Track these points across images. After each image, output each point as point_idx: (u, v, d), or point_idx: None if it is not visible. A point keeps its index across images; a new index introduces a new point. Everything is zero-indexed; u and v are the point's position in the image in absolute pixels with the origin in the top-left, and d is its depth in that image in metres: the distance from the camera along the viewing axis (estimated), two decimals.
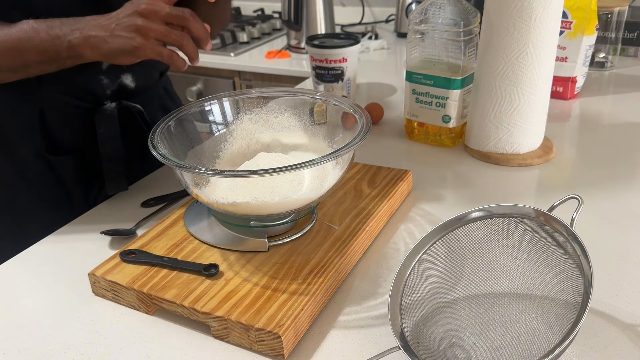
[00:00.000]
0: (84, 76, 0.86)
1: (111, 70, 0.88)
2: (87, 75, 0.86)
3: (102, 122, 0.88)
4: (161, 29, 0.71)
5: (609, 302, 0.63)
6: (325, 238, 0.71)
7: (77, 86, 0.86)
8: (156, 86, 1.02)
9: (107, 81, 0.89)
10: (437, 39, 0.96)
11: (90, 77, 0.87)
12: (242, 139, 0.80)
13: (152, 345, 0.61)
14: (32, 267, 0.75)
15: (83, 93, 0.88)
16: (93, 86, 0.88)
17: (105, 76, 0.88)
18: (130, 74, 0.92)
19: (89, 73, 0.86)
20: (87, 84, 0.87)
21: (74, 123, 0.89)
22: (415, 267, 0.60)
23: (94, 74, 0.87)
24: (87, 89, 0.87)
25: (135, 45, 0.70)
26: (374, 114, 1.13)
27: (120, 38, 0.70)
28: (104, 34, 0.71)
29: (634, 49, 1.46)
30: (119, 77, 0.90)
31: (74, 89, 0.86)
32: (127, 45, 0.70)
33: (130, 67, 0.91)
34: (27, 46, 0.72)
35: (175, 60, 0.73)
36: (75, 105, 0.88)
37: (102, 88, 0.89)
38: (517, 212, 0.58)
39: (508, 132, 0.93)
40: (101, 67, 0.87)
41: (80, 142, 0.91)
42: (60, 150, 0.90)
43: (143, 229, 0.81)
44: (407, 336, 0.55)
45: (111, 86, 0.90)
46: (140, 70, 0.93)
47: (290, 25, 1.89)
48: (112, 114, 0.89)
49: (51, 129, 0.88)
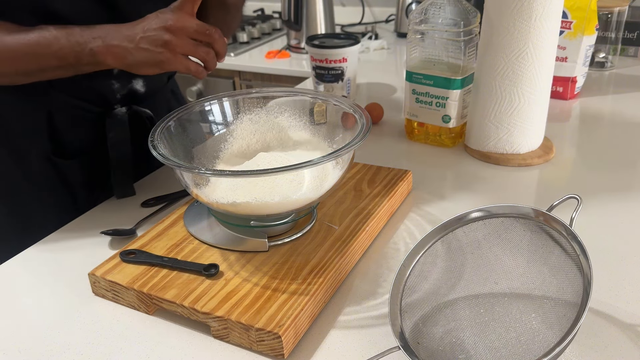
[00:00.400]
0: (95, 80, 0.85)
1: (123, 75, 0.88)
2: (98, 80, 0.86)
3: (113, 126, 0.87)
4: (189, 46, 0.73)
5: (609, 302, 0.63)
6: (325, 238, 0.71)
7: (87, 90, 0.86)
8: (164, 89, 1.02)
9: (118, 85, 0.88)
10: (437, 39, 0.96)
11: (102, 82, 0.87)
12: (242, 139, 0.80)
13: (152, 345, 0.61)
14: (32, 267, 0.75)
15: (94, 97, 0.87)
16: (104, 90, 0.87)
17: (117, 80, 0.88)
18: (141, 79, 0.92)
19: (100, 77, 0.85)
20: (98, 88, 0.87)
21: (83, 126, 0.89)
22: (415, 267, 0.60)
23: (105, 79, 0.87)
24: (98, 93, 0.87)
25: (163, 59, 0.71)
26: (374, 114, 1.13)
27: (147, 51, 0.71)
28: (127, 44, 0.71)
29: (634, 49, 1.46)
30: (130, 82, 0.90)
31: (84, 93, 0.86)
32: (153, 59, 0.72)
33: None
34: (46, 52, 0.72)
35: (201, 72, 0.76)
36: (85, 109, 0.87)
37: (113, 92, 0.88)
38: (516, 212, 0.58)
39: (508, 132, 0.93)
40: (112, 72, 0.87)
41: (88, 146, 0.91)
42: (68, 154, 0.90)
43: (143, 229, 0.81)
44: (407, 336, 0.55)
45: (121, 90, 0.89)
46: (151, 75, 0.93)
47: (290, 25, 1.89)
48: (123, 119, 0.88)
49: (59, 131, 0.88)
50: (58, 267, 0.75)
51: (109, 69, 0.86)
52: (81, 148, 0.90)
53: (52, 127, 0.87)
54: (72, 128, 0.89)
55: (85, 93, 0.86)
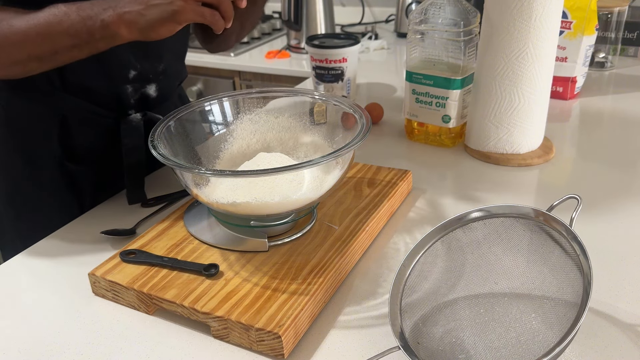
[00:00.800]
0: (110, 85, 0.85)
1: (137, 79, 0.88)
2: (113, 85, 0.86)
3: (128, 132, 0.86)
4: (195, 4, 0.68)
5: (609, 302, 0.63)
6: (325, 238, 0.71)
7: (102, 94, 0.86)
8: (174, 95, 1.01)
9: (132, 90, 0.88)
10: (437, 39, 0.96)
11: (117, 86, 0.86)
12: (242, 139, 0.80)
13: (152, 345, 0.61)
14: (32, 267, 0.75)
15: (107, 101, 0.87)
16: (118, 95, 0.87)
17: (131, 85, 0.88)
18: (154, 84, 0.91)
19: (115, 82, 0.85)
20: (112, 92, 0.86)
21: (95, 131, 0.89)
22: (415, 267, 0.60)
23: (120, 83, 0.86)
24: (112, 98, 0.87)
25: (175, 9, 0.67)
26: (374, 114, 1.13)
27: (157, 7, 0.67)
28: (138, 7, 0.68)
29: (634, 49, 1.46)
30: (144, 87, 0.90)
31: (98, 97, 0.86)
32: (166, 12, 0.67)
33: (155, 76, 0.90)
34: (57, 29, 0.69)
35: (218, 20, 0.70)
36: (98, 114, 0.87)
37: (127, 97, 0.88)
38: (516, 212, 0.58)
39: (508, 132, 0.93)
40: (128, 76, 0.86)
41: (99, 151, 0.90)
42: (78, 158, 0.89)
43: (143, 229, 0.81)
44: (407, 336, 0.55)
45: (134, 95, 0.89)
46: (164, 80, 0.93)
47: (290, 25, 1.89)
48: (138, 125, 0.87)
49: (71, 136, 0.87)
50: (58, 267, 0.75)
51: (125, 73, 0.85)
52: (92, 153, 0.90)
53: (64, 132, 0.87)
54: (84, 133, 0.88)
55: (100, 97, 0.86)
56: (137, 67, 0.86)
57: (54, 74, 0.82)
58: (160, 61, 0.90)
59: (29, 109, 0.85)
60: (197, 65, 1.95)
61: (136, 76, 0.87)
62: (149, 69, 0.89)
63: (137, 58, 0.86)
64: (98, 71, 0.84)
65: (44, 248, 0.79)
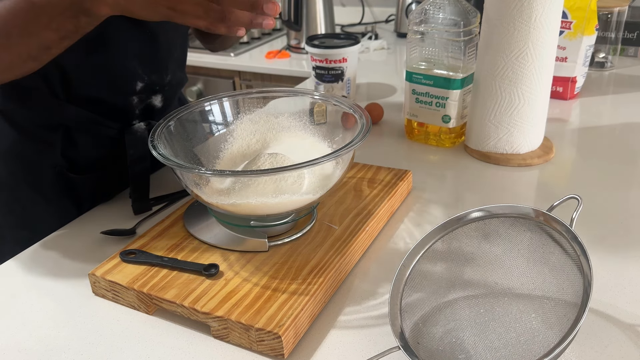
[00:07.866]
0: (117, 96, 0.85)
1: (144, 91, 0.87)
2: (120, 96, 0.85)
3: (132, 143, 0.86)
4: None
5: (609, 302, 0.63)
6: (325, 238, 0.71)
7: (107, 105, 0.85)
8: (176, 102, 1.01)
9: (137, 101, 0.88)
10: (437, 39, 0.96)
11: (124, 98, 0.86)
12: (242, 139, 0.80)
13: (152, 345, 0.61)
14: (32, 267, 0.75)
15: (112, 112, 0.86)
16: (124, 106, 0.87)
17: (137, 96, 0.87)
18: (160, 95, 0.91)
19: (122, 94, 0.85)
20: (118, 103, 0.86)
21: (98, 141, 0.88)
22: (415, 267, 0.60)
23: (127, 95, 0.86)
24: (117, 109, 0.86)
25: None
26: (374, 114, 1.13)
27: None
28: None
29: (634, 49, 1.46)
30: (150, 98, 0.89)
31: (103, 108, 0.85)
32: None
33: (161, 87, 0.90)
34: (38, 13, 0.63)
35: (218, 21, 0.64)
36: (102, 124, 0.86)
37: (133, 108, 0.88)
38: (516, 212, 0.58)
39: (508, 132, 0.93)
40: (135, 88, 0.86)
41: (100, 161, 0.90)
42: (80, 168, 0.89)
43: (143, 229, 0.81)
44: (407, 336, 0.55)
45: (140, 106, 0.89)
46: (169, 90, 0.92)
47: (290, 25, 1.89)
48: (143, 135, 0.87)
49: (74, 146, 0.87)
50: (58, 267, 0.75)
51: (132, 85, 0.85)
52: (94, 162, 0.90)
53: (67, 142, 0.86)
54: (86, 143, 0.88)
55: (105, 108, 0.85)
56: (144, 79, 0.86)
57: (58, 86, 0.81)
58: (167, 72, 0.90)
59: (32, 119, 0.85)
60: (197, 65, 1.95)
61: (143, 88, 0.87)
62: (157, 81, 0.88)
63: (145, 70, 0.86)
64: (105, 83, 0.83)
65: (44, 248, 0.79)
